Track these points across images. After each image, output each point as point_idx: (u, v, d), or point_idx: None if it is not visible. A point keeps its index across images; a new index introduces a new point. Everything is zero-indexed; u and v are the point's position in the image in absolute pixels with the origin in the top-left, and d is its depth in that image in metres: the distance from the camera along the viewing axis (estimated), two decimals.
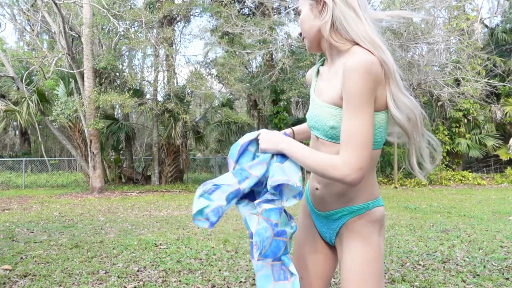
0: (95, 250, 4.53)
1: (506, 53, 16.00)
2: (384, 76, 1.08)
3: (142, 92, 14.53)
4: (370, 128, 1.06)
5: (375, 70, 1.05)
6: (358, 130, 1.05)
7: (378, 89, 1.07)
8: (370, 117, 1.06)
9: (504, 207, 8.20)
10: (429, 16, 12.50)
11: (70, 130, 13.42)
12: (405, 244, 4.77)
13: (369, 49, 1.09)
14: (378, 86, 1.06)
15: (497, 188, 12.76)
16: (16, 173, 15.89)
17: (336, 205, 1.23)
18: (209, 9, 13.18)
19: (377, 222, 1.21)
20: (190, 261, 4.08)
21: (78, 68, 12.01)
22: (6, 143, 23.72)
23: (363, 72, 1.03)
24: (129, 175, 14.61)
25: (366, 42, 1.10)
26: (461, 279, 3.46)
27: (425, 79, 14.03)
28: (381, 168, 14.91)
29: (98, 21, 12.12)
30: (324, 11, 1.14)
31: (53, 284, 3.39)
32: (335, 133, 1.13)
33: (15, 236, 5.37)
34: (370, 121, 1.06)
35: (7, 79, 13.46)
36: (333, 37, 1.15)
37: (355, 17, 1.12)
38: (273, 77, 11.70)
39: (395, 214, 7.37)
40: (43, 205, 9.22)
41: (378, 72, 1.06)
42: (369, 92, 1.04)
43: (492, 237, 5.09)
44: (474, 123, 15.38)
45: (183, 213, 7.73)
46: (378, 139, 1.15)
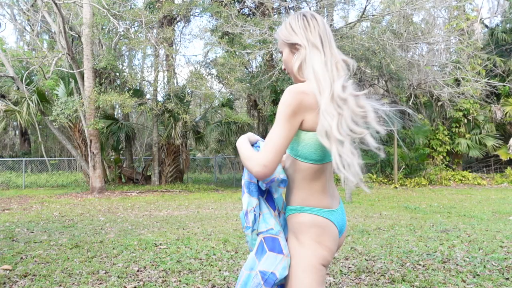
0: (95, 250, 4.53)
1: (506, 53, 15.99)
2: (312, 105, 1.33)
3: (142, 92, 14.52)
4: (280, 139, 1.31)
5: (297, 100, 1.32)
6: (271, 137, 1.33)
7: (304, 114, 1.33)
8: (284, 130, 1.32)
9: (504, 207, 8.20)
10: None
11: (70, 130, 13.42)
12: (405, 244, 4.77)
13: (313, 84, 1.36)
14: (303, 111, 1.33)
15: (497, 188, 12.76)
16: (16, 173, 15.89)
17: (286, 202, 1.52)
18: (209, 9, 13.17)
19: (305, 226, 1.42)
20: (190, 261, 4.08)
21: (78, 68, 12.01)
22: (6, 143, 23.71)
23: (288, 96, 1.33)
24: (129, 175, 14.61)
25: (313, 80, 1.36)
26: (461, 279, 3.46)
27: (425, 79, 14.03)
28: (381, 168, 14.91)
29: (98, 21, 12.11)
30: (298, 54, 1.44)
31: (53, 284, 3.39)
32: (296, 150, 1.41)
33: (15, 236, 5.37)
34: (283, 133, 1.32)
35: (7, 79, 13.45)
36: (299, 73, 1.45)
37: (318, 53, 1.39)
38: (273, 77, 11.69)
39: (395, 214, 7.37)
40: (43, 205, 9.22)
41: (303, 100, 1.32)
42: (289, 112, 1.31)
43: (492, 237, 5.09)
44: (474, 123, 15.38)
45: (183, 213, 7.73)
46: (308, 154, 1.39)
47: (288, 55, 1.49)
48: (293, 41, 1.45)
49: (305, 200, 1.43)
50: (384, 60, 12.27)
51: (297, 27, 1.45)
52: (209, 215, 7.31)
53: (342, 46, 11.55)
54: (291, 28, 1.46)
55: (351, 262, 4.03)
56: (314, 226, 1.42)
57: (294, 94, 1.33)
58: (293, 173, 1.44)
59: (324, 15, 14.63)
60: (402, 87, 14.37)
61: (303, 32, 1.43)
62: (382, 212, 7.74)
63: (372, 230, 5.70)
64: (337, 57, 1.43)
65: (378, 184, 13.82)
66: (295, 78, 1.49)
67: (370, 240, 5.03)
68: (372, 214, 7.44)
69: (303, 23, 1.44)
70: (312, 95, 1.34)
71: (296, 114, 1.32)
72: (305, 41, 1.42)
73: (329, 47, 1.42)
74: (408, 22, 13.14)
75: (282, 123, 1.32)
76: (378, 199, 10.01)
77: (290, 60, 1.49)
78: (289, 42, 1.47)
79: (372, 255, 4.29)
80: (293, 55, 1.47)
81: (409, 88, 14.29)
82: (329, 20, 14.70)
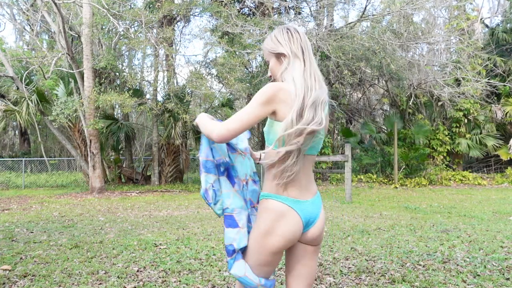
0: (95, 250, 4.52)
1: (506, 53, 15.98)
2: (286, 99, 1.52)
3: (142, 92, 14.50)
4: (247, 115, 1.52)
5: (274, 91, 1.53)
6: (240, 112, 1.54)
7: (276, 105, 1.53)
8: (254, 111, 1.52)
9: (504, 207, 8.19)
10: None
11: (69, 130, 13.41)
12: (405, 244, 4.76)
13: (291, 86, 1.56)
14: (276, 102, 1.53)
15: (498, 188, 12.75)
16: (16, 173, 15.88)
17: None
18: (209, 9, 13.16)
19: (270, 211, 1.58)
20: (190, 261, 4.07)
21: (78, 68, 11.99)
22: (6, 143, 23.70)
23: (266, 87, 1.54)
24: (129, 175, 14.60)
25: (291, 83, 1.56)
26: (462, 279, 3.46)
27: (425, 79, 14.02)
28: (381, 168, 14.90)
29: (98, 21, 12.09)
30: (283, 61, 1.64)
31: (52, 284, 3.38)
32: (266, 136, 1.61)
33: (14, 236, 5.36)
34: (252, 112, 1.52)
35: (6, 79, 13.43)
36: (281, 79, 1.64)
37: (298, 62, 1.61)
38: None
39: (395, 214, 7.36)
40: (43, 205, 9.21)
41: (279, 92, 1.53)
42: (263, 98, 1.52)
43: (492, 237, 5.08)
44: (475, 123, 15.36)
45: (183, 213, 7.72)
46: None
47: (275, 64, 1.69)
48: (279, 51, 1.65)
49: (273, 188, 1.59)
50: (384, 60, 12.26)
51: (282, 39, 1.65)
52: (209, 215, 7.31)
53: (342, 46, 11.56)
54: (277, 40, 1.66)
55: (351, 262, 4.02)
56: (273, 212, 1.57)
57: (272, 86, 1.53)
58: (269, 161, 1.59)
59: (324, 15, 14.63)
60: (402, 87, 14.36)
61: (288, 43, 1.64)
62: (382, 212, 7.73)
63: (372, 230, 5.69)
64: (315, 68, 1.63)
65: (378, 184, 13.81)
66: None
67: (370, 240, 5.02)
68: (372, 214, 7.43)
69: (287, 35, 1.65)
70: (288, 92, 1.53)
71: (269, 102, 1.52)
72: (289, 51, 1.63)
73: (309, 58, 1.63)
74: (408, 22, 13.13)
75: (254, 105, 1.53)
76: (378, 199, 10.00)
77: (276, 68, 1.68)
78: (275, 52, 1.67)
79: (372, 255, 4.28)
80: (279, 64, 1.66)
81: (409, 88, 14.28)
82: (329, 20, 14.69)
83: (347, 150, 9.38)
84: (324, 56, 12.28)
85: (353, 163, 14.23)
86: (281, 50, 1.64)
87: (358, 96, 18.71)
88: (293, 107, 1.50)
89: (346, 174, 9.50)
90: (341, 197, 10.27)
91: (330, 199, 9.92)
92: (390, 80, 14.45)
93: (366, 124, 16.43)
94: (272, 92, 1.52)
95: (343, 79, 13.23)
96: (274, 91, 1.52)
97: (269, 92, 1.52)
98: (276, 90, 1.53)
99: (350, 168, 9.53)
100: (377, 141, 16.32)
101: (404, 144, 15.18)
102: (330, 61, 12.04)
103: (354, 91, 18.03)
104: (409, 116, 15.97)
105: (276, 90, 1.53)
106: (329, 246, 4.69)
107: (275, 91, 1.52)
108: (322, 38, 11.52)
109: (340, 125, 17.76)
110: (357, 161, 14.99)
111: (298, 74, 1.57)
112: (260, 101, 1.52)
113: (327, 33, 12.11)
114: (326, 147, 14.71)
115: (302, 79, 1.56)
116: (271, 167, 1.58)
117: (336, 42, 11.51)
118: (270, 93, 1.52)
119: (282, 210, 1.57)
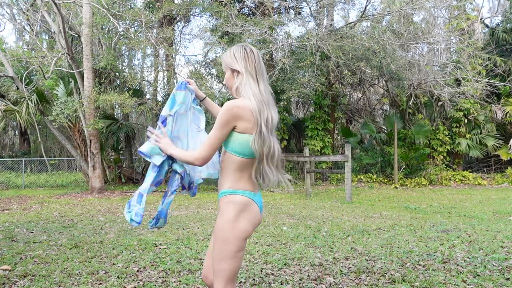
0: (95, 250, 4.52)
1: (506, 53, 15.97)
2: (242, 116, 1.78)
3: (142, 92, 14.49)
4: (214, 139, 1.81)
5: (235, 110, 1.77)
6: (209, 137, 1.83)
7: (236, 122, 1.79)
8: (219, 133, 1.80)
9: (504, 207, 8.19)
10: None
11: (69, 130, 13.39)
12: (406, 244, 4.76)
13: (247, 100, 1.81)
14: (235, 120, 1.78)
15: (498, 188, 12.75)
16: (16, 173, 15.87)
17: (219, 189, 1.93)
18: (209, 9, 13.15)
19: (235, 204, 1.84)
20: (190, 261, 4.07)
21: (78, 68, 11.98)
22: (6, 143, 23.69)
23: (225, 109, 1.78)
24: (129, 175, 14.59)
25: (246, 97, 1.82)
26: (462, 279, 3.45)
27: (425, 79, 14.01)
28: (381, 168, 14.89)
29: (98, 21, 12.08)
30: (237, 78, 1.89)
31: (52, 285, 3.38)
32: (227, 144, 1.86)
33: (14, 236, 5.36)
34: (218, 135, 1.80)
35: (6, 79, 13.42)
36: (236, 93, 1.90)
37: (252, 81, 1.84)
38: (273, 77, 11.67)
39: (395, 214, 7.36)
40: (43, 205, 9.20)
41: (238, 112, 1.78)
42: (224, 121, 1.78)
43: (492, 237, 5.08)
44: (475, 123, 15.35)
45: (182, 213, 7.72)
46: (240, 150, 1.82)
47: (230, 76, 1.93)
48: (234, 67, 1.89)
49: (235, 185, 1.86)
50: (384, 60, 12.25)
51: (239, 57, 1.88)
52: (209, 215, 7.30)
53: (342, 46, 11.55)
54: (234, 57, 1.89)
55: (351, 262, 4.02)
56: (241, 204, 1.84)
57: (230, 108, 1.78)
58: (227, 165, 1.87)
59: (324, 15, 14.62)
60: (402, 87, 14.35)
61: (243, 62, 1.86)
62: (382, 212, 7.73)
63: (372, 230, 5.69)
64: (269, 88, 1.90)
65: (378, 184, 13.81)
66: (233, 94, 1.94)
67: (370, 240, 5.02)
68: (372, 214, 7.43)
69: (244, 54, 1.88)
70: (247, 109, 1.78)
71: (229, 122, 1.79)
72: (243, 69, 1.86)
73: (262, 78, 1.88)
74: (408, 22, 13.12)
75: (218, 128, 1.79)
76: (378, 199, 10.00)
77: (230, 79, 1.93)
78: (231, 68, 1.90)
79: (372, 255, 4.28)
80: (233, 78, 1.91)
81: (409, 88, 14.28)
82: (329, 20, 14.69)
83: (347, 150, 9.38)
84: (324, 56, 12.27)
85: (353, 163, 14.22)
86: (236, 67, 1.87)
87: (358, 96, 18.71)
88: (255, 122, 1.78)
89: (346, 174, 9.50)
90: (341, 197, 10.27)
91: (330, 199, 9.92)
92: (390, 80, 14.44)
93: (366, 124, 16.42)
94: (231, 114, 1.78)
95: (343, 79, 13.23)
96: (232, 113, 1.78)
97: (226, 116, 1.78)
98: (234, 111, 1.78)
99: (350, 168, 9.53)
100: (377, 141, 16.31)
101: (404, 144, 15.17)
102: (330, 61, 12.03)
103: (354, 91, 18.02)
104: (409, 116, 15.97)
105: (234, 111, 1.78)
106: (329, 246, 4.69)
107: (233, 113, 1.78)
108: (322, 38, 11.51)
109: (340, 125, 17.76)
110: (357, 161, 14.98)
111: (255, 91, 1.82)
112: (222, 124, 1.79)
113: (327, 33, 12.11)
114: (326, 147, 14.71)
115: (260, 96, 1.82)
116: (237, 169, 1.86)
117: (336, 42, 11.50)
118: (227, 116, 1.78)
119: (246, 202, 1.86)
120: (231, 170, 1.86)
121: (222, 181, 1.91)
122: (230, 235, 1.80)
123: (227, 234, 1.80)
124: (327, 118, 14.94)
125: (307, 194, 10.44)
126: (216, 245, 1.82)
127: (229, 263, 1.80)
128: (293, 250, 4.53)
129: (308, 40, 11.31)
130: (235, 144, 1.82)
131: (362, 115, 18.76)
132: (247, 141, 1.80)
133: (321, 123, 14.76)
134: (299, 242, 4.93)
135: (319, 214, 7.36)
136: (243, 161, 1.84)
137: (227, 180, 1.88)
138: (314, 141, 14.52)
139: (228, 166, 1.87)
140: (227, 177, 1.87)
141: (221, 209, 1.87)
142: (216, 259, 1.82)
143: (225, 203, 1.85)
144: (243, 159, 1.84)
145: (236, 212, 1.83)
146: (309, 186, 10.55)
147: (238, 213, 1.83)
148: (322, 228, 5.82)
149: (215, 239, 1.83)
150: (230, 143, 1.83)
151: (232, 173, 1.86)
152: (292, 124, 16.26)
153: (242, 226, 1.82)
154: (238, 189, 1.86)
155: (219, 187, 1.93)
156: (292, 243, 4.85)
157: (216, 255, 1.81)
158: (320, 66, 12.23)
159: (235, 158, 1.84)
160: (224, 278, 1.81)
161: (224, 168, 1.89)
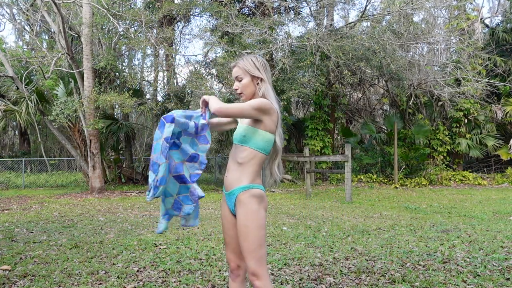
0: (95, 250, 4.51)
1: (506, 53, 15.97)
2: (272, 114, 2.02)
3: (142, 92, 14.48)
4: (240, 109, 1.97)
5: (270, 107, 2.01)
6: (240, 105, 1.99)
7: (264, 116, 2.00)
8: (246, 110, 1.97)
9: (504, 207, 8.19)
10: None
11: (69, 130, 13.38)
12: (406, 244, 4.76)
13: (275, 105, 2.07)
14: (265, 113, 2.00)
15: (498, 188, 12.75)
16: (16, 173, 15.86)
17: (233, 185, 2.06)
18: (209, 8, 13.14)
19: (256, 197, 2.02)
20: (190, 261, 4.07)
21: (78, 68, 11.98)
22: (6, 143, 23.67)
23: (263, 100, 2.01)
24: (129, 175, 14.59)
25: (269, 99, 2.07)
26: (462, 279, 3.45)
27: (425, 79, 14.00)
28: (381, 168, 14.89)
29: (98, 21, 12.08)
30: (261, 84, 2.10)
31: (52, 285, 3.38)
32: (244, 139, 2.05)
33: (14, 236, 5.36)
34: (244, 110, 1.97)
35: (6, 79, 13.41)
36: (262, 96, 2.08)
37: (270, 87, 2.11)
38: (273, 77, 11.67)
39: (395, 214, 7.36)
40: (43, 205, 9.20)
41: (266, 107, 1.99)
42: (259, 107, 1.98)
43: (492, 238, 5.08)
44: (475, 123, 15.34)
45: None
46: (265, 148, 2.05)
47: (249, 83, 2.11)
48: (257, 75, 2.10)
49: (254, 180, 2.04)
50: (384, 60, 12.25)
51: (260, 66, 2.11)
52: (209, 215, 7.30)
53: (342, 46, 11.55)
54: (255, 65, 2.11)
55: (351, 262, 4.02)
56: (261, 196, 2.04)
57: (268, 103, 2.01)
58: (249, 161, 2.03)
59: (324, 15, 14.61)
60: (402, 87, 14.35)
61: (263, 71, 2.11)
62: (382, 212, 7.72)
63: (372, 230, 5.69)
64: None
65: (378, 184, 13.81)
66: (248, 98, 2.11)
67: (370, 240, 5.02)
68: (372, 214, 7.43)
69: (262, 63, 2.12)
70: (275, 111, 2.04)
71: (261, 111, 1.98)
72: (265, 77, 2.11)
73: (270, 84, 2.15)
74: (408, 22, 13.12)
75: (249, 107, 1.96)
76: (378, 199, 10.00)
77: (249, 86, 2.11)
78: (253, 75, 2.10)
79: (372, 255, 4.28)
80: (253, 84, 2.10)
81: (409, 88, 14.27)
82: (329, 20, 14.69)
83: (347, 150, 9.38)
84: (324, 56, 12.27)
85: (353, 163, 14.22)
86: (259, 75, 2.09)
87: (358, 96, 18.70)
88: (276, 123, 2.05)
89: (346, 174, 9.50)
90: (341, 197, 10.26)
91: (330, 199, 9.92)
92: (390, 80, 14.44)
93: (366, 124, 16.42)
94: (265, 107, 1.98)
95: (343, 79, 13.22)
96: (267, 105, 1.99)
97: (264, 105, 1.98)
98: (268, 106, 1.99)
99: (350, 168, 9.53)
100: (377, 141, 16.31)
101: (404, 144, 15.17)
102: (330, 61, 12.02)
103: (354, 91, 18.02)
104: (409, 116, 15.96)
105: (268, 106, 1.99)
106: (329, 246, 4.69)
107: (268, 105, 1.99)
108: (322, 38, 11.50)
109: (340, 125, 17.75)
110: (357, 161, 14.98)
111: (273, 95, 2.10)
112: (255, 106, 1.97)
113: (327, 33, 12.10)
114: (326, 147, 14.71)
115: (275, 100, 2.09)
116: (258, 165, 2.06)
117: (336, 42, 11.50)
118: (264, 106, 1.98)
119: (263, 194, 2.07)
120: (252, 165, 2.04)
121: (240, 177, 2.05)
122: (261, 223, 1.99)
123: (259, 222, 1.98)
124: (327, 118, 14.94)
125: (307, 194, 10.43)
126: (251, 235, 1.97)
127: (264, 246, 2.00)
128: (293, 250, 4.52)
129: (308, 40, 11.30)
130: (261, 142, 2.03)
131: (362, 115, 18.76)
132: (271, 139, 2.05)
133: (321, 123, 14.76)
134: (299, 242, 4.92)
135: (319, 214, 7.36)
136: (263, 158, 2.07)
137: (247, 175, 2.04)
138: (314, 141, 14.52)
139: (249, 162, 2.03)
140: (247, 173, 2.04)
141: (243, 202, 2.01)
142: (253, 247, 1.96)
143: (247, 197, 2.01)
144: (264, 155, 2.07)
145: (258, 203, 2.02)
146: (309, 186, 10.55)
147: (259, 204, 2.02)
148: (322, 228, 5.82)
149: (247, 231, 1.97)
150: (255, 140, 2.03)
151: (252, 169, 2.04)
152: (292, 124, 16.27)
153: (263, 214, 2.03)
154: (256, 183, 2.05)
155: (234, 183, 2.06)
156: (292, 243, 4.85)
157: (253, 243, 1.96)
158: (320, 66, 12.23)
159: (258, 154, 2.04)
160: (264, 261, 1.99)
161: (245, 164, 2.04)
